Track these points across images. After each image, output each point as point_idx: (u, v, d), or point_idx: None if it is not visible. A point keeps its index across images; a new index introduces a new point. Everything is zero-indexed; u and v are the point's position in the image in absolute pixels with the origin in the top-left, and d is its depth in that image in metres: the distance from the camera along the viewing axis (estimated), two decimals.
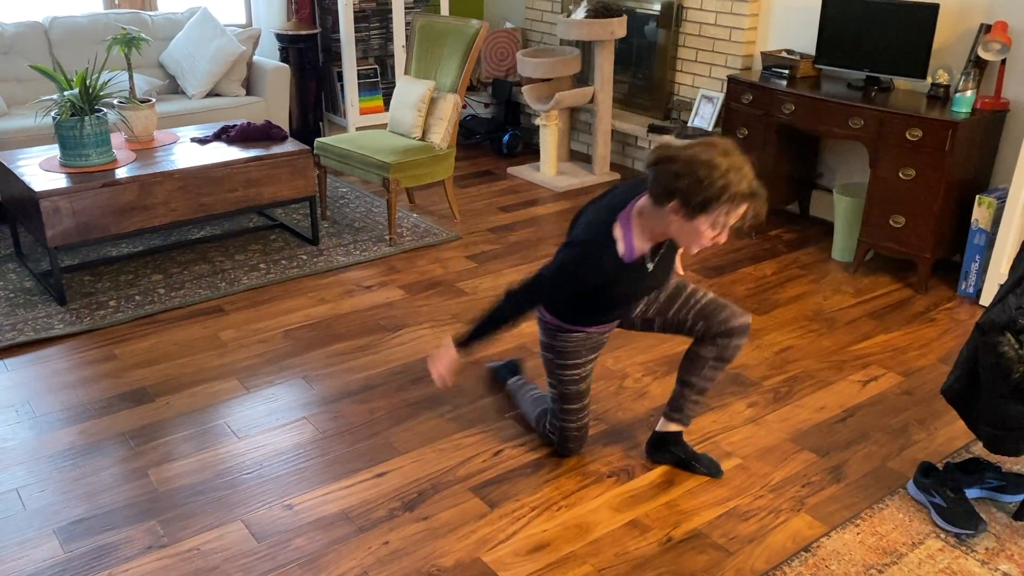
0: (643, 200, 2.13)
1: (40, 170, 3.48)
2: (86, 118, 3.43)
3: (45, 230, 3.30)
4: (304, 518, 2.30)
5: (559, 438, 2.54)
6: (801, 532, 2.28)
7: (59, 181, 3.37)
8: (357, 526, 2.27)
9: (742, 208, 2.02)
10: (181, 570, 2.12)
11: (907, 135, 3.56)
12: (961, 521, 2.28)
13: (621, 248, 2.13)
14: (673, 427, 2.52)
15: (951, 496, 2.33)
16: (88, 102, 3.41)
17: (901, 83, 3.97)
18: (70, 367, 3.02)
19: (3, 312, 3.36)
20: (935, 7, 3.65)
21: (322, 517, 2.30)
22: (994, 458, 2.55)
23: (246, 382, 2.94)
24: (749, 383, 2.99)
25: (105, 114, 3.51)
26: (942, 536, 2.27)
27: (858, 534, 2.28)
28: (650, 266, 2.21)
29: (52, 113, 3.45)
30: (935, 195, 3.54)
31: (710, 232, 2.05)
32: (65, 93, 3.40)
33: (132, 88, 3.82)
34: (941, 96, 3.75)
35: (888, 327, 3.40)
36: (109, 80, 3.60)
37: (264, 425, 2.71)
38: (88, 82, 3.41)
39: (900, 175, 3.62)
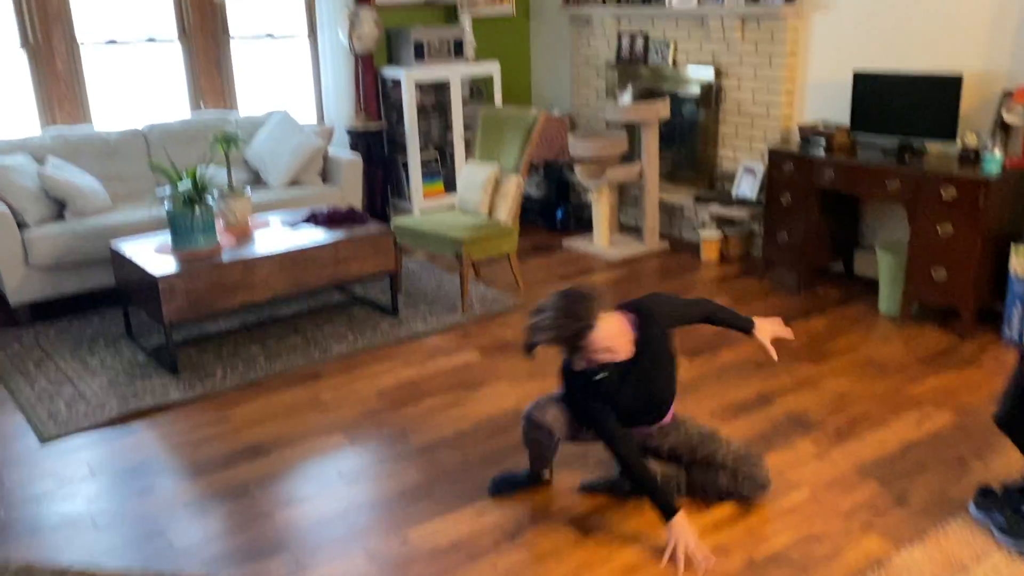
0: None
1: (155, 255, 3.89)
2: (196, 207, 3.85)
3: (162, 307, 3.69)
4: (418, 548, 2.56)
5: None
6: (872, 551, 2.49)
7: (173, 264, 3.77)
8: (466, 554, 2.53)
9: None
10: None
11: (942, 194, 3.85)
12: (1022, 536, 2.47)
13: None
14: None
15: (1011, 515, 2.53)
16: (199, 193, 3.84)
17: (933, 146, 4.28)
18: (189, 428, 3.35)
19: (124, 383, 3.72)
20: (959, 79, 3.98)
21: (434, 547, 2.56)
22: None
23: (350, 435, 3.24)
24: (811, 424, 3.22)
25: (211, 203, 3.94)
26: (1005, 551, 2.46)
27: (926, 551, 2.48)
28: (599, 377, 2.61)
29: (166, 204, 3.88)
30: (973, 248, 3.81)
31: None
32: (178, 186, 3.83)
33: (230, 180, 4.27)
34: (971, 157, 4.04)
35: (937, 371, 3.62)
36: (214, 175, 4.04)
37: (371, 473, 2.99)
38: (198, 176, 3.85)
39: (938, 231, 3.90)
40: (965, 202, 3.79)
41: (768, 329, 2.82)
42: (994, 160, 3.80)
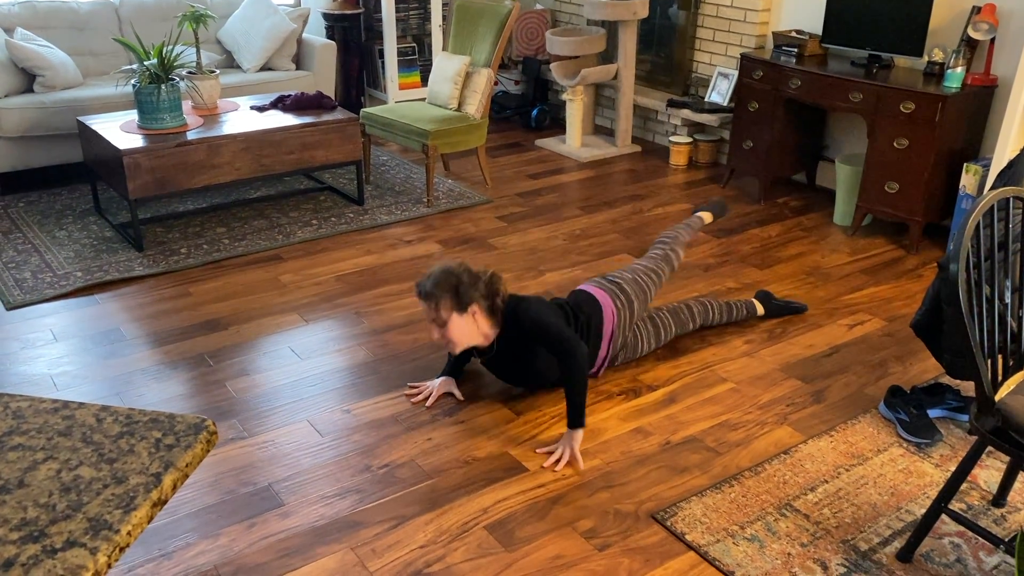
0: None
1: (121, 132, 3.93)
2: (162, 86, 3.86)
3: (127, 183, 3.75)
4: (361, 419, 2.72)
5: None
6: (782, 440, 2.67)
7: (138, 141, 3.81)
8: (405, 426, 2.69)
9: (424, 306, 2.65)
10: (259, 456, 2.55)
11: (901, 108, 3.90)
12: (921, 433, 2.65)
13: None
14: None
15: (914, 413, 2.70)
16: (165, 71, 3.85)
17: (901, 61, 4.29)
18: (151, 301, 3.47)
19: (90, 256, 3.82)
20: None
21: (376, 419, 2.73)
22: (954, 383, 2.91)
23: (305, 316, 3.37)
24: (747, 324, 3.36)
25: (178, 82, 3.94)
26: (904, 445, 2.65)
27: (832, 442, 2.66)
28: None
29: (132, 81, 3.88)
30: (925, 163, 3.88)
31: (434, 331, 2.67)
32: (145, 63, 3.83)
33: (199, 60, 4.26)
34: (936, 73, 4.07)
35: (878, 281, 3.76)
36: (181, 53, 4.03)
37: (323, 350, 3.13)
38: (164, 54, 3.85)
39: (895, 145, 3.96)
40: (922, 117, 3.85)
41: (573, 444, 2.57)
42: (955, 76, 3.84)
